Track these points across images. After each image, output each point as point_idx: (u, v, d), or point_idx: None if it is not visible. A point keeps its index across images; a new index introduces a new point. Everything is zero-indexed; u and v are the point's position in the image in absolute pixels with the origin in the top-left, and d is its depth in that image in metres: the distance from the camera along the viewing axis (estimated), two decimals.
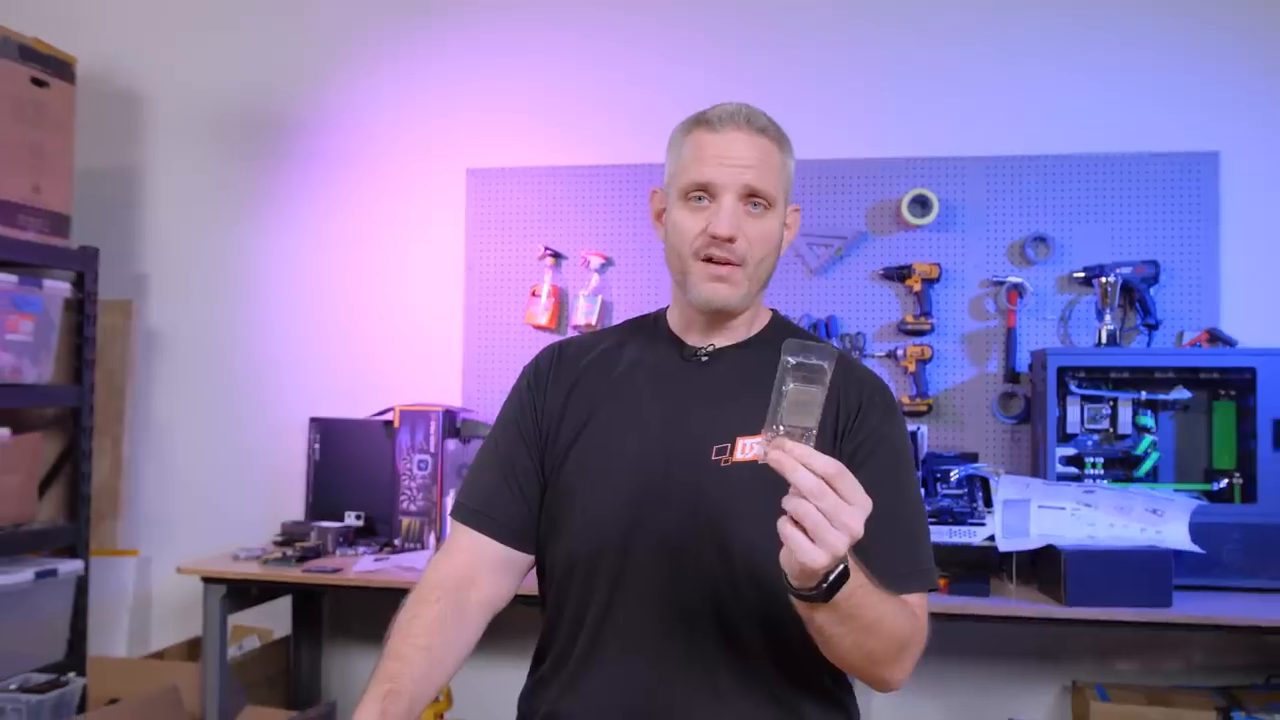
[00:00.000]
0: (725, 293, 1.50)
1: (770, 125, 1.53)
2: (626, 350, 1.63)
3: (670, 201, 1.55)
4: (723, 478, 1.48)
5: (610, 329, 1.74)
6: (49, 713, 3.04)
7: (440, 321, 3.69)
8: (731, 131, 1.50)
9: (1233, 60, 3.29)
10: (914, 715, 3.32)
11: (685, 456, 1.50)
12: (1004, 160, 3.37)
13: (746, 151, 1.49)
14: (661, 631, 1.48)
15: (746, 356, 1.57)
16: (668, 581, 1.48)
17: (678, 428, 1.52)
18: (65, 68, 3.37)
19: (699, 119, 1.54)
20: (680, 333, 1.60)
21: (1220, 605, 2.75)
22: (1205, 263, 3.25)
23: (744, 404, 1.49)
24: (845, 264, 3.44)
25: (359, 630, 3.70)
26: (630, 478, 1.51)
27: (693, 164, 1.51)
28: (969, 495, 3.10)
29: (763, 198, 1.50)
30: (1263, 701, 2.94)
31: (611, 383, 1.59)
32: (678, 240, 1.52)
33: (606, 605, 1.51)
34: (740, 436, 1.49)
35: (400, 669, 1.41)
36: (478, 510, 1.58)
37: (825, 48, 3.50)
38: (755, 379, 1.50)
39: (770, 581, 1.41)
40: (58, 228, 3.34)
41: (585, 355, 1.64)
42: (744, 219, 1.49)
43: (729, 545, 1.46)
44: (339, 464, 3.58)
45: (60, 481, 3.46)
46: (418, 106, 3.75)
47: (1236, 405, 3.06)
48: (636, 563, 1.49)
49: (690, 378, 1.56)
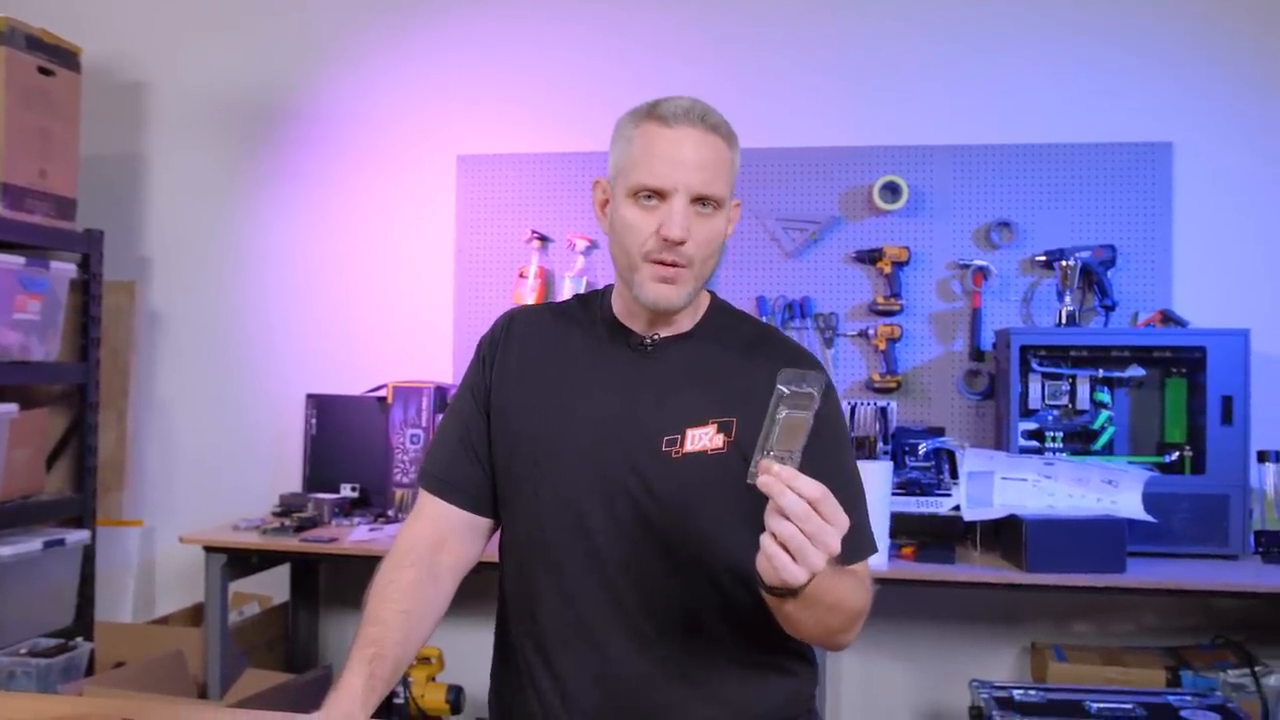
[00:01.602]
0: (672, 294, 1.47)
1: (722, 123, 1.49)
2: (572, 335, 1.60)
3: (617, 196, 1.50)
4: (674, 468, 1.48)
5: (559, 305, 1.71)
6: (58, 676, 3.09)
7: (432, 302, 3.73)
8: (685, 128, 1.45)
9: (1186, 56, 3.35)
10: (881, 676, 3.40)
11: (637, 447, 1.49)
12: (970, 149, 3.41)
13: (699, 153, 1.45)
14: (618, 620, 1.49)
15: (690, 346, 1.56)
16: (623, 571, 1.49)
17: (628, 418, 1.51)
18: (71, 57, 3.40)
19: (650, 112, 1.48)
20: (624, 319, 1.57)
21: (1170, 570, 2.82)
22: (1159, 247, 3.31)
23: (690, 395, 1.51)
24: (819, 247, 3.50)
25: (354, 597, 3.64)
26: (584, 468, 1.50)
27: (644, 161, 1.46)
28: (936, 468, 3.16)
29: (712, 200, 1.46)
30: (1209, 660, 3.02)
31: (560, 368, 1.57)
32: (627, 238, 1.48)
33: (565, 598, 1.51)
34: (689, 428, 1.49)
35: (382, 633, 1.42)
36: (440, 478, 1.59)
37: (802, 40, 3.56)
38: (699, 369, 1.53)
39: (726, 565, 1.48)
40: (64, 211, 3.39)
41: (533, 332, 1.62)
42: (693, 220, 1.45)
43: (684, 535, 1.47)
44: (335, 438, 3.60)
45: (67, 455, 3.52)
46: (410, 95, 3.79)
47: (1187, 382, 3.10)
48: (593, 554, 1.49)
49: (637, 367, 1.54)
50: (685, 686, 1.49)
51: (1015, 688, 2.77)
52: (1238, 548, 2.94)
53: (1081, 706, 2.64)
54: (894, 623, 3.37)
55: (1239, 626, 3.18)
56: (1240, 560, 2.94)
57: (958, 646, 3.39)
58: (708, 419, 1.50)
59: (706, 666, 1.50)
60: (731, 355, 1.56)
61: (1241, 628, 3.17)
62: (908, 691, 3.43)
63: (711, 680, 1.50)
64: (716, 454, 1.48)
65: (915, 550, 2.92)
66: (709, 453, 1.48)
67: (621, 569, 1.49)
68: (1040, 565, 2.78)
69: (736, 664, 1.52)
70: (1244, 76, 3.34)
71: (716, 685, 1.50)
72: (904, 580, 2.82)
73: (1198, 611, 3.26)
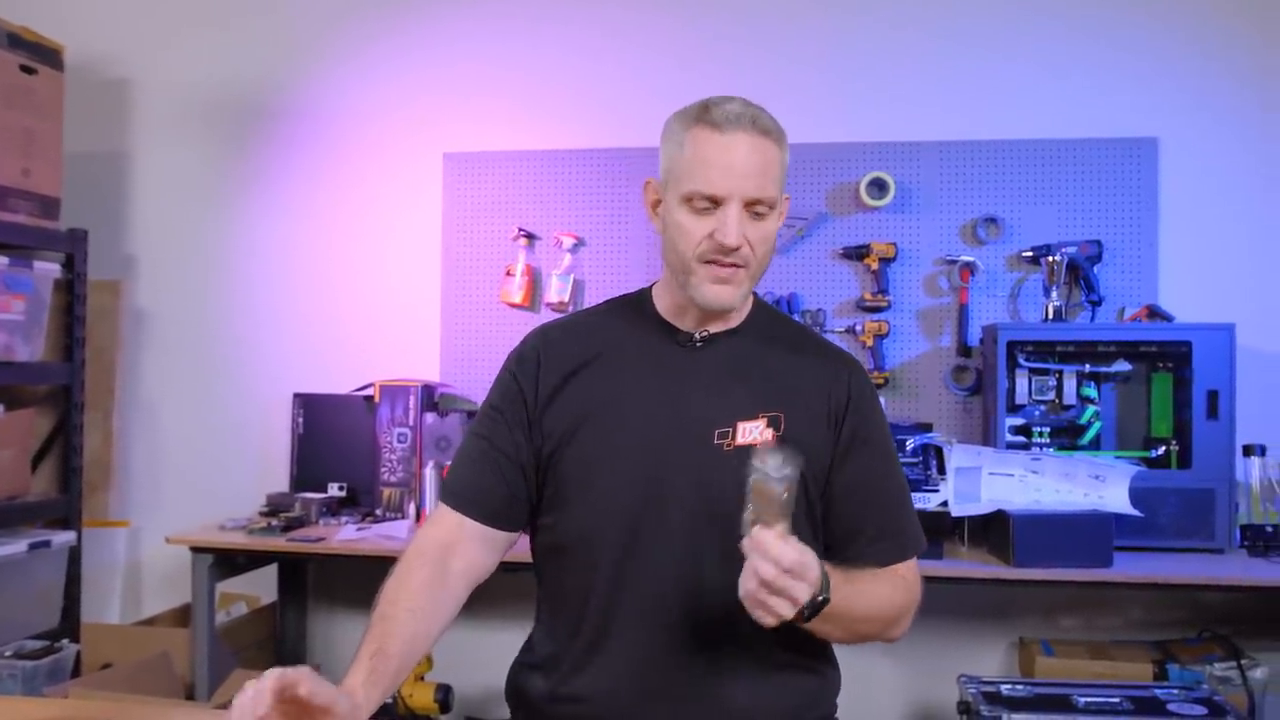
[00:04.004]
0: (729, 295, 1.51)
1: (772, 125, 1.51)
2: (616, 334, 1.62)
3: (669, 199, 1.52)
4: (725, 461, 1.50)
5: (591, 311, 1.73)
6: (44, 678, 3.07)
7: (418, 300, 3.72)
8: (737, 134, 1.47)
9: (1170, 52, 3.36)
10: (870, 672, 3.39)
11: (688, 441, 1.52)
12: (957, 145, 3.42)
13: (751, 158, 1.47)
14: (668, 611, 1.51)
15: (737, 342, 1.59)
16: (674, 564, 1.51)
17: (679, 413, 1.53)
18: (53, 55, 3.38)
19: (701, 115, 1.50)
20: (671, 318, 1.60)
21: (1157, 565, 2.83)
22: (1145, 242, 3.32)
23: (740, 389, 1.55)
24: (806, 244, 3.50)
25: (342, 596, 3.74)
26: (636, 463, 1.52)
27: (697, 168, 1.47)
28: (924, 463, 3.14)
29: (765, 203, 1.49)
30: (1196, 654, 3.03)
31: (607, 368, 1.59)
32: (681, 242, 1.50)
33: (615, 587, 1.53)
34: (740, 421, 1.52)
35: (387, 629, 1.42)
36: (457, 492, 1.59)
37: (789, 37, 3.56)
38: (747, 365, 1.57)
39: None
40: (48, 211, 3.37)
41: (574, 339, 1.63)
42: (747, 225, 1.48)
43: (732, 527, 1.48)
44: (322, 437, 3.60)
45: (53, 456, 3.50)
46: (396, 93, 3.78)
47: (1174, 377, 3.10)
48: (644, 545, 1.52)
49: (686, 363, 1.57)
50: (725, 679, 1.52)
51: (1003, 682, 2.77)
52: (1224, 542, 2.95)
53: (1069, 701, 2.65)
54: None
55: (1225, 620, 3.19)
56: (1226, 554, 2.95)
57: (946, 642, 3.39)
58: (757, 413, 1.54)
59: (748, 658, 1.53)
60: (778, 352, 1.60)
61: (1228, 621, 3.18)
62: (896, 687, 3.44)
63: (751, 673, 1.53)
64: (766, 447, 1.51)
65: None
66: (759, 445, 1.51)
67: (671, 562, 1.52)
68: (1028, 560, 2.79)
69: (774, 657, 1.54)
70: (1229, 72, 3.35)
71: (754, 678, 1.53)
72: None
73: (1184, 605, 3.28)
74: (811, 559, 1.29)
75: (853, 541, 1.58)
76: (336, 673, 1.39)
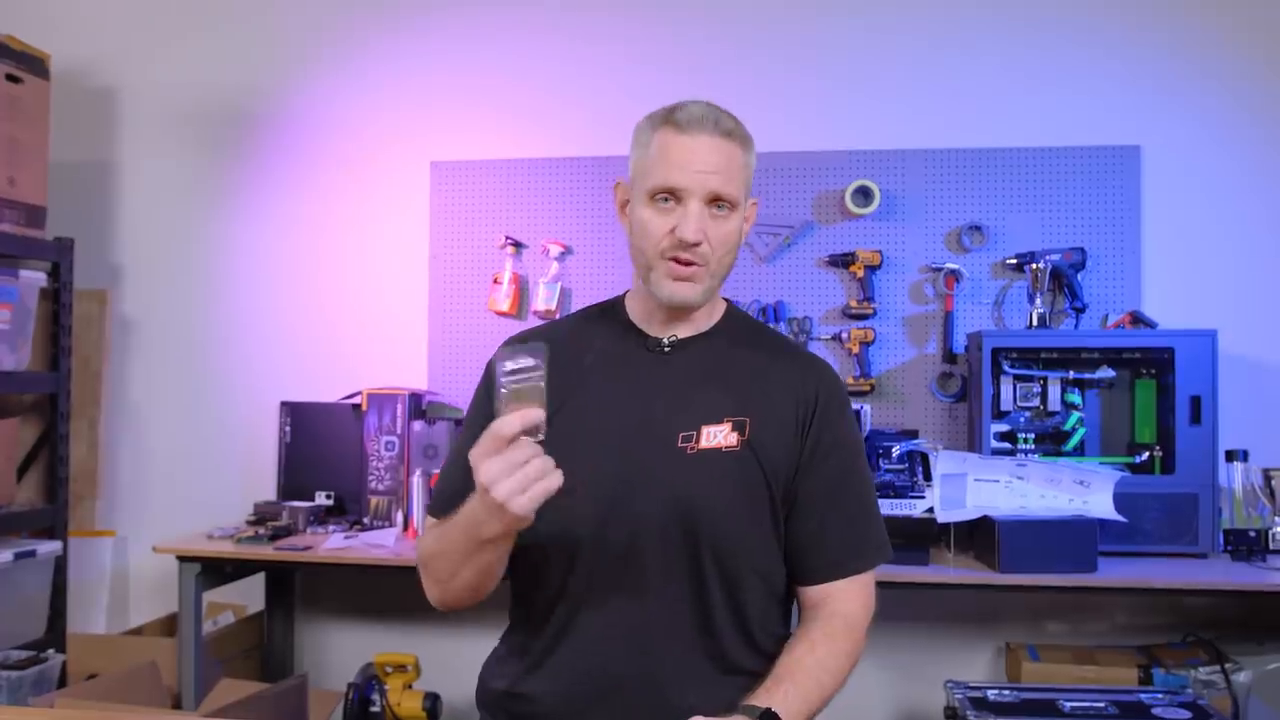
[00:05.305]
0: (689, 291, 1.54)
1: (736, 127, 1.55)
2: (589, 340, 1.65)
3: (635, 198, 1.57)
4: (690, 463, 1.53)
5: (567, 319, 1.77)
6: (29, 688, 3.06)
7: (406, 308, 3.72)
8: (700, 135, 1.51)
9: (1152, 60, 3.39)
10: (857, 678, 3.33)
11: (654, 443, 1.54)
12: (942, 153, 3.44)
13: (713, 157, 1.51)
14: (629, 613, 1.52)
15: (706, 347, 1.62)
16: (640, 563, 1.52)
17: (645, 417, 1.55)
18: (39, 64, 3.38)
19: (667, 118, 1.55)
20: (641, 323, 1.63)
21: (1142, 570, 2.84)
22: (1128, 249, 3.34)
23: (707, 393, 1.57)
24: (792, 251, 3.51)
25: (330, 605, 3.73)
26: (602, 466, 1.53)
27: (660, 166, 1.52)
28: (909, 470, 3.17)
29: (727, 201, 1.52)
30: (1181, 659, 3.05)
31: (580, 372, 1.60)
32: (644, 239, 1.54)
33: (581, 587, 1.54)
34: (705, 425, 1.54)
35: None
36: (443, 507, 1.57)
37: (774, 45, 3.58)
38: (716, 369, 1.60)
39: (734, 560, 1.53)
40: (33, 219, 3.36)
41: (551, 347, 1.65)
42: (709, 222, 1.51)
43: (697, 527, 1.51)
44: (309, 446, 3.60)
45: (38, 465, 3.48)
46: (383, 101, 3.78)
47: (1157, 383, 3.13)
48: (610, 544, 1.52)
49: (655, 368, 1.60)
50: (679, 681, 1.52)
51: (990, 688, 2.78)
52: (1207, 546, 2.97)
53: (1055, 705, 2.66)
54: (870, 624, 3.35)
55: (1209, 624, 3.21)
56: (1210, 559, 2.97)
57: (932, 647, 3.41)
58: (724, 417, 1.56)
59: (702, 661, 1.54)
60: (748, 357, 1.62)
61: (1211, 625, 3.20)
62: (883, 693, 3.45)
63: (703, 675, 1.54)
64: (730, 451, 1.54)
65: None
66: (723, 449, 1.54)
67: (634, 564, 1.52)
68: (1013, 566, 2.80)
69: (726, 660, 1.55)
70: (1212, 80, 3.37)
71: (707, 681, 1.54)
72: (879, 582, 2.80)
73: (1169, 610, 3.29)
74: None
75: (815, 548, 1.59)
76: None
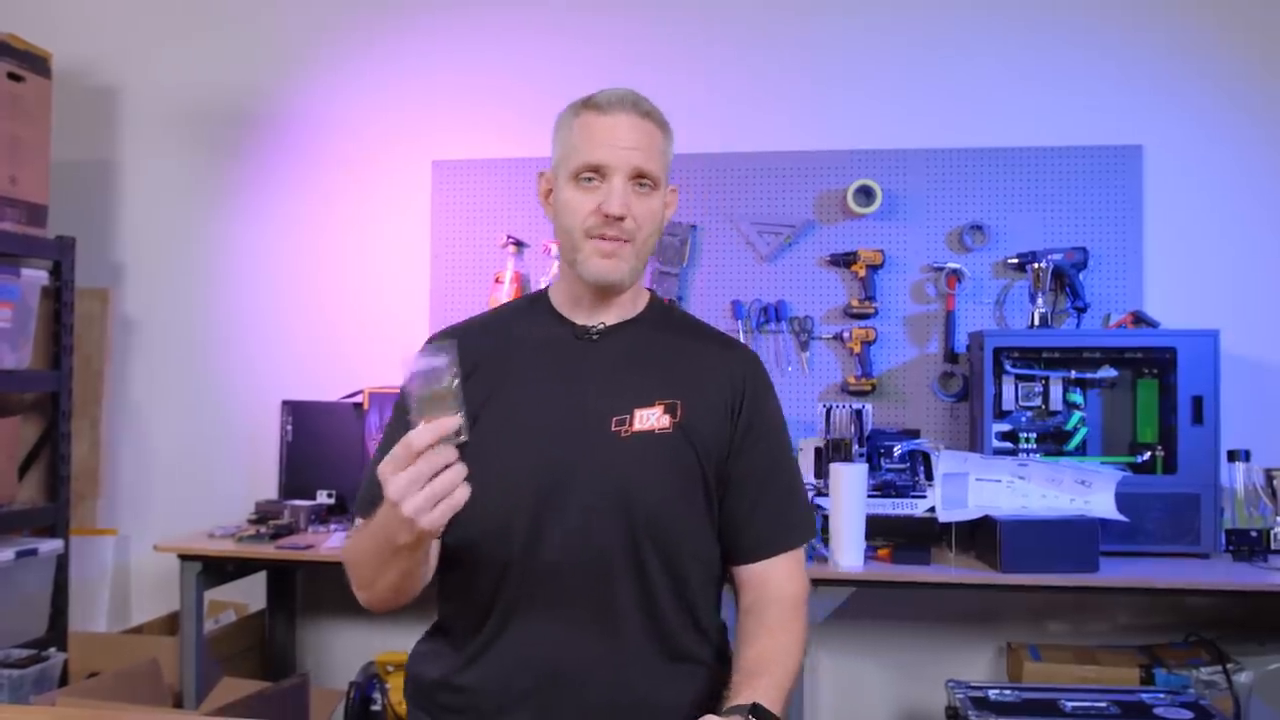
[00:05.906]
0: (614, 268, 1.55)
1: (654, 110, 1.59)
2: (518, 331, 1.65)
3: (559, 182, 1.58)
4: (624, 447, 1.53)
5: (495, 311, 1.77)
6: (31, 686, 3.07)
7: (407, 307, 3.73)
8: (620, 115, 1.55)
9: (1154, 60, 3.39)
10: (859, 677, 3.41)
11: (586, 430, 1.54)
12: (943, 153, 3.45)
13: (634, 135, 1.54)
14: (569, 600, 1.51)
15: (633, 333, 1.63)
16: (576, 550, 1.51)
17: (577, 403, 1.55)
18: (41, 63, 3.39)
19: (586, 103, 1.59)
20: (568, 312, 1.63)
21: (1143, 569, 2.84)
22: (1130, 249, 3.35)
23: (637, 377, 1.58)
24: (794, 251, 3.52)
25: (331, 604, 3.73)
26: (536, 452, 1.53)
27: (583, 145, 1.55)
28: (911, 469, 3.18)
29: (649, 178, 1.55)
30: (1183, 658, 3.05)
31: (510, 364, 1.60)
32: (569, 219, 1.55)
33: (517, 576, 1.52)
34: (637, 408, 1.55)
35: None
36: (368, 512, 1.52)
37: (776, 45, 3.58)
38: (645, 354, 1.61)
39: (674, 543, 1.54)
40: (35, 218, 3.36)
41: (477, 340, 1.61)
42: (633, 198, 1.54)
43: (633, 511, 1.51)
44: (311, 444, 3.60)
45: (40, 464, 3.48)
46: (385, 101, 3.79)
47: (1159, 383, 3.13)
48: (545, 534, 1.51)
49: (585, 355, 1.60)
50: (624, 668, 1.52)
51: (991, 688, 2.78)
52: (1209, 546, 2.97)
53: (1057, 705, 2.66)
54: (870, 624, 3.38)
55: (1211, 624, 3.21)
56: (1212, 559, 2.97)
57: (934, 647, 3.41)
58: (655, 400, 1.57)
59: (648, 648, 1.54)
60: (676, 342, 1.65)
61: (1213, 625, 3.20)
62: (884, 692, 3.45)
63: (650, 662, 1.54)
64: (663, 433, 1.55)
65: (891, 552, 2.92)
66: (656, 432, 1.55)
67: (572, 549, 1.51)
68: (1015, 566, 2.79)
69: (673, 648, 1.55)
70: (1214, 80, 3.38)
71: (653, 667, 1.54)
72: (880, 582, 2.84)
73: (1170, 610, 3.29)
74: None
75: (748, 527, 1.60)
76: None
